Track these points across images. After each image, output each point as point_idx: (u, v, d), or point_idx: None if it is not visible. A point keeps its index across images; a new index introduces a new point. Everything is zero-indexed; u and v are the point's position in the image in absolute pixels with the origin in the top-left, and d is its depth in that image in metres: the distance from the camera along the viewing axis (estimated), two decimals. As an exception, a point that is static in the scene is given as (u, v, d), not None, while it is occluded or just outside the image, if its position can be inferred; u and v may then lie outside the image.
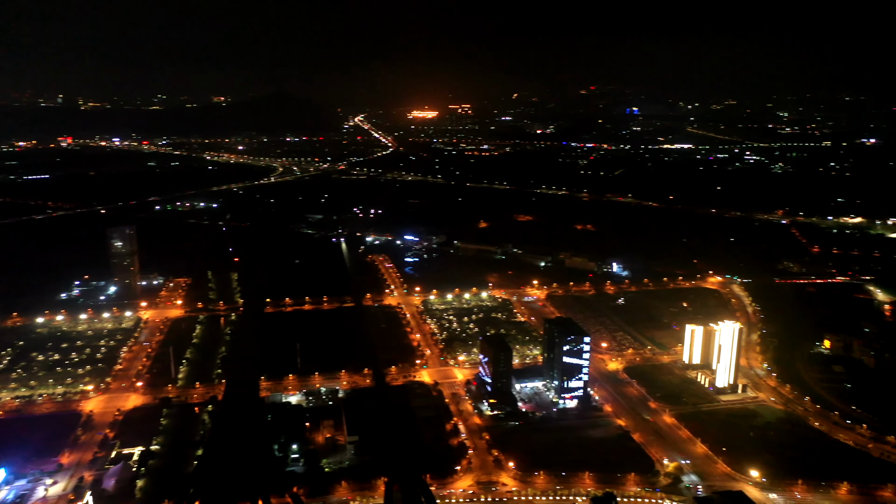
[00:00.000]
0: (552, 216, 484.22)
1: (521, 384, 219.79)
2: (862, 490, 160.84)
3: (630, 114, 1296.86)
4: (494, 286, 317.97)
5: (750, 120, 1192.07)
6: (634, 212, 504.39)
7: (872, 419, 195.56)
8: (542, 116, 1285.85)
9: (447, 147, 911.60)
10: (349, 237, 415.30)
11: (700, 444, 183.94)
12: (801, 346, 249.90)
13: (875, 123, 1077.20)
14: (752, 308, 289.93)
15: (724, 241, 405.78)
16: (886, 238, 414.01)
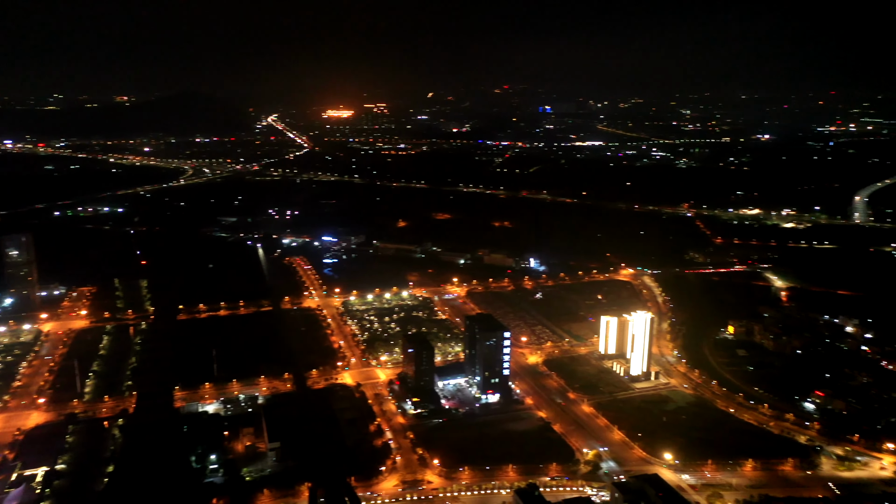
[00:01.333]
0: (470, 214, 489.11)
1: (444, 381, 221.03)
2: (765, 465, 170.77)
3: (543, 112, 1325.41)
4: (415, 285, 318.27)
5: (656, 118, 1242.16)
6: (550, 208, 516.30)
7: (773, 399, 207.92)
8: (458, 115, 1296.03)
9: (364, 146, 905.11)
10: (265, 239, 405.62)
11: (617, 431, 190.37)
12: (707, 333, 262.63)
13: (769, 120, 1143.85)
14: (662, 298, 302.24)
15: (635, 234, 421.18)
16: (781, 228, 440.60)
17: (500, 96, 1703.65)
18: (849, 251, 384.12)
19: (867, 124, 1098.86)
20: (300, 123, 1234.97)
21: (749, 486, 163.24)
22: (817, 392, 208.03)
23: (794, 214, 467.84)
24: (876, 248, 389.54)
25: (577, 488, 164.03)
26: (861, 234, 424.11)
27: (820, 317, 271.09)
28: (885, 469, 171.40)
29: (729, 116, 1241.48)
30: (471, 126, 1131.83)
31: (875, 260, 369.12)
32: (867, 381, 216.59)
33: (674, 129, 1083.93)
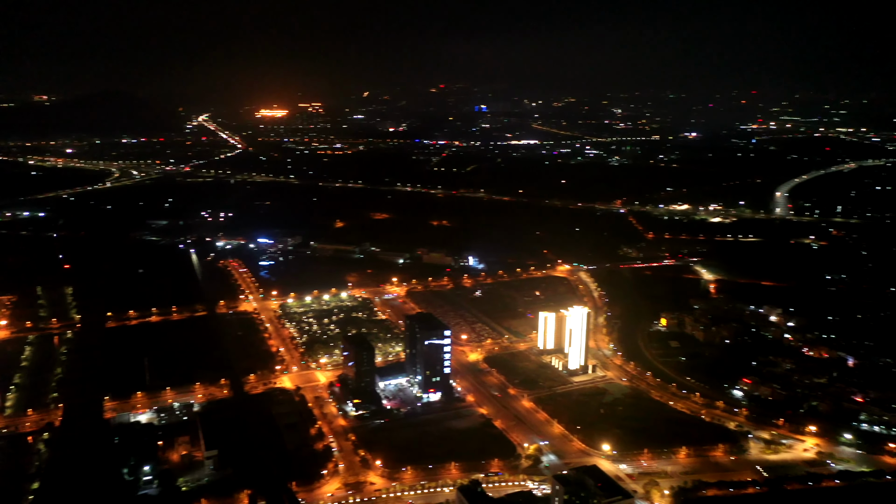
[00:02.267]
0: (408, 213, 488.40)
1: (385, 382, 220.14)
2: (698, 452, 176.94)
3: (479, 111, 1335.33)
4: (354, 286, 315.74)
5: (589, 116, 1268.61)
6: (487, 206, 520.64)
7: (704, 388, 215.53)
8: (395, 114, 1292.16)
9: (299, 146, 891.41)
10: (198, 243, 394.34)
11: (557, 424, 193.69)
12: (641, 326, 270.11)
13: (695, 119, 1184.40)
14: (597, 293, 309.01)
15: (571, 231, 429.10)
16: (708, 223, 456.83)
17: (436, 95, 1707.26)
18: (771, 244, 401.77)
19: (786, 122, 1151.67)
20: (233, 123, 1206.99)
21: (683, 472, 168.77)
22: (745, 380, 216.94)
23: (720, 209, 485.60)
24: (796, 241, 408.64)
25: (518, 483, 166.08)
26: (782, 228, 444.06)
27: (746, 307, 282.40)
28: (809, 451, 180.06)
29: (658, 115, 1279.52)
30: (407, 125, 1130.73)
31: (795, 251, 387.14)
32: (790, 368, 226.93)
33: (606, 127, 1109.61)
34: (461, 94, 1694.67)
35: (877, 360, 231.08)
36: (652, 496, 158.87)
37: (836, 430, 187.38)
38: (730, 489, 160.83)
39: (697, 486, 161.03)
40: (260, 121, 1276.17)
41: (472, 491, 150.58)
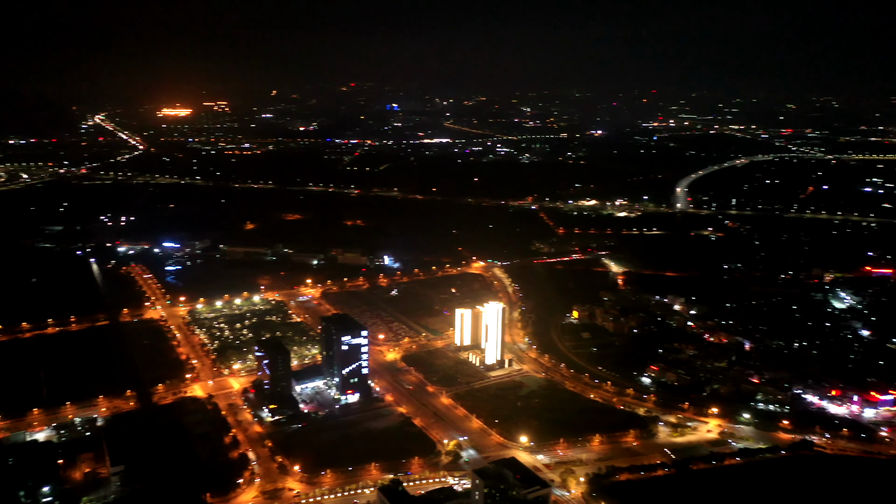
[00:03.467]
0: (321, 213, 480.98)
1: (302, 385, 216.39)
2: (611, 439, 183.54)
3: (391, 110, 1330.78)
4: (267, 288, 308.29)
5: (499, 115, 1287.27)
6: (401, 205, 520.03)
7: (615, 376, 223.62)
8: (305, 113, 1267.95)
9: (205, 146, 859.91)
10: (97, 249, 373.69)
11: (475, 419, 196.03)
12: (554, 319, 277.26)
13: (601, 117, 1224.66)
14: (511, 288, 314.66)
15: (484, 228, 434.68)
16: (615, 217, 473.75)
17: (346, 94, 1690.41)
18: (673, 236, 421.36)
19: (684, 120, 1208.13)
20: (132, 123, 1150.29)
21: (597, 459, 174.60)
22: (652, 367, 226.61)
23: (626, 204, 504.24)
24: (696, 233, 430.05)
25: (439, 479, 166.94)
26: (683, 221, 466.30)
27: (652, 297, 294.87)
28: (711, 432, 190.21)
29: (565, 114, 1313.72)
30: (318, 124, 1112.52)
31: (695, 243, 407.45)
32: (693, 354, 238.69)
33: (516, 125, 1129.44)
34: (372, 92, 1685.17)
35: (770, 344, 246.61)
36: (568, 484, 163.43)
37: (735, 410, 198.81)
38: (641, 473, 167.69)
39: (611, 471, 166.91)
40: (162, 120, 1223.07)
41: (394, 490, 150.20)
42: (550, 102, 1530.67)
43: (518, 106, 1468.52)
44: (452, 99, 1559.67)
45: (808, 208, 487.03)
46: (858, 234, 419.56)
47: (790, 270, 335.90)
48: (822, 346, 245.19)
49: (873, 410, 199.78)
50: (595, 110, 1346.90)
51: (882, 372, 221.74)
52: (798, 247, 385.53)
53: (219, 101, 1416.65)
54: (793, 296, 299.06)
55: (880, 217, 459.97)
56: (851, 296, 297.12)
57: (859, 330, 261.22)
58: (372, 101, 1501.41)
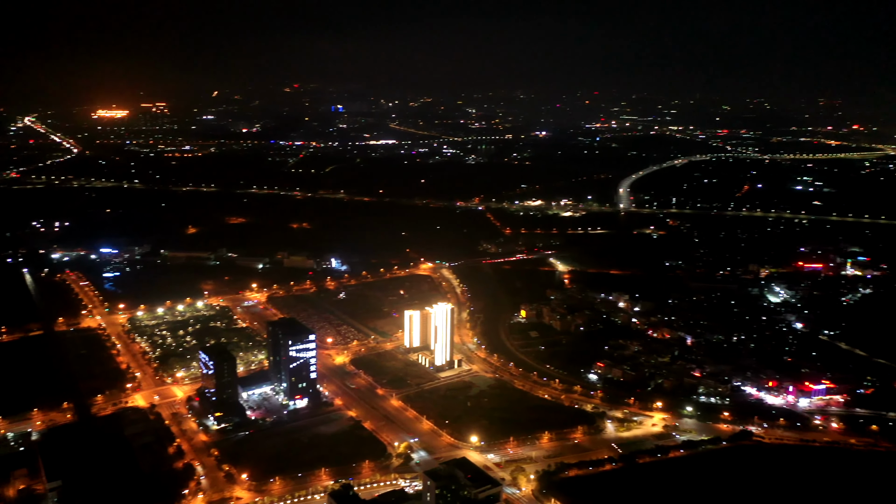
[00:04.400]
0: (266, 216, 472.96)
1: (249, 392, 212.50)
2: (560, 436, 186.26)
3: (336, 111, 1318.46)
4: (211, 294, 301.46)
5: (444, 116, 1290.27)
6: (348, 207, 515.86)
7: (563, 374, 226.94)
8: (247, 115, 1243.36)
9: (144, 149, 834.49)
10: (29, 256, 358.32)
11: (426, 421, 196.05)
12: (502, 319, 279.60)
13: (545, 118, 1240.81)
14: (460, 289, 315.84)
15: (432, 229, 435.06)
16: (561, 217, 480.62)
17: (290, 95, 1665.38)
18: (617, 235, 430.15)
19: (625, 121, 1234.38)
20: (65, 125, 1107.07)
21: (547, 456, 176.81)
22: (599, 363, 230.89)
23: (571, 204, 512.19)
24: (638, 231, 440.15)
25: (390, 482, 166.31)
26: (626, 220, 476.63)
27: (597, 295, 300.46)
28: (656, 425, 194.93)
29: (510, 115, 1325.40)
30: (261, 126, 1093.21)
31: (638, 241, 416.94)
32: (638, 350, 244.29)
33: (462, 126, 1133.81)
34: (316, 94, 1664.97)
35: (711, 338, 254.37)
36: (519, 482, 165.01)
37: (678, 403, 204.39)
38: (589, 468, 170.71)
39: (560, 468, 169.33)
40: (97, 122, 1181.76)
41: (344, 495, 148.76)
42: (495, 104, 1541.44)
43: (463, 107, 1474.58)
44: (398, 100, 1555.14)
45: (743, 206, 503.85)
46: (791, 231, 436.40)
47: (728, 267, 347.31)
48: (759, 340, 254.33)
49: (807, 400, 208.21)
50: (539, 112, 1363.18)
51: (815, 363, 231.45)
52: (735, 244, 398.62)
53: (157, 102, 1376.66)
54: (731, 291, 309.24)
55: (811, 214, 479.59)
56: (785, 290, 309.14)
57: (793, 323, 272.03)
58: (316, 102, 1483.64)
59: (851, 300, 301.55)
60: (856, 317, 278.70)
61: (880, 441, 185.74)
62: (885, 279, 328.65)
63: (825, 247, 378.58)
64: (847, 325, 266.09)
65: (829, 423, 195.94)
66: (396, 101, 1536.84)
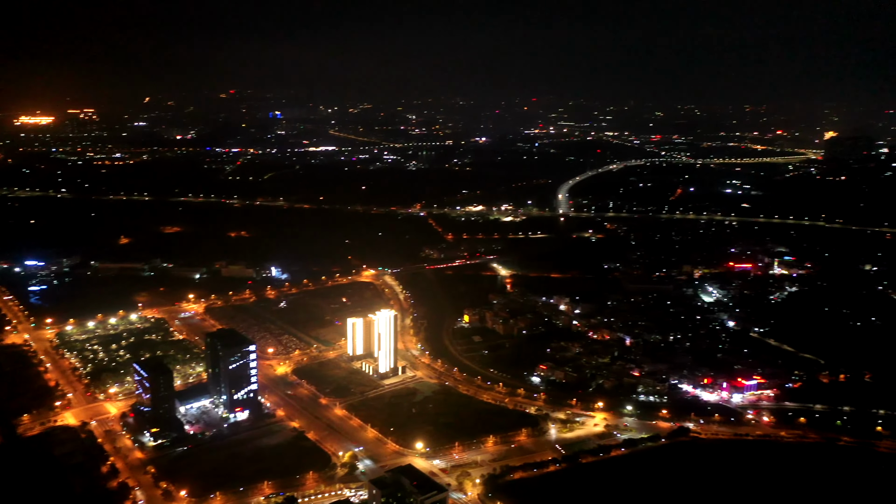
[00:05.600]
0: (203, 225, 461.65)
1: (187, 405, 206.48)
2: (504, 439, 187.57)
3: (273, 118, 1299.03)
4: (145, 306, 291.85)
5: (384, 122, 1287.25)
6: (288, 215, 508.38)
7: (506, 377, 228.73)
8: (182, 121, 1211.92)
9: (71, 157, 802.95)
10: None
11: (370, 429, 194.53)
12: (446, 324, 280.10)
13: (484, 125, 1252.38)
14: (403, 295, 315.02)
15: (374, 235, 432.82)
16: (502, 222, 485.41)
17: (226, 101, 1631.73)
18: (557, 239, 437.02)
19: (563, 127, 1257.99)
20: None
21: (492, 460, 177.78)
22: (541, 366, 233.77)
23: (511, 209, 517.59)
24: (577, 235, 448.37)
25: (335, 492, 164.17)
26: (565, 224, 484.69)
27: (539, 299, 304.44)
28: (598, 425, 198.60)
29: (450, 121, 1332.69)
30: (196, 133, 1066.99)
31: (577, 245, 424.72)
32: (579, 351, 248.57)
33: (402, 133, 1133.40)
34: (253, 100, 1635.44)
35: (649, 338, 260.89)
36: (465, 486, 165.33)
37: (619, 403, 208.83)
38: (534, 470, 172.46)
39: (505, 471, 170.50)
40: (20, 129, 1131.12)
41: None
42: (435, 110, 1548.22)
43: (403, 113, 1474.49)
44: (337, 106, 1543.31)
45: (677, 209, 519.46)
46: (722, 233, 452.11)
47: (664, 268, 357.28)
48: (694, 338, 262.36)
49: (740, 395, 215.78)
50: (479, 118, 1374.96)
51: (746, 359, 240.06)
52: (670, 246, 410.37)
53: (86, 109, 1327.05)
54: (667, 292, 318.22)
55: (740, 216, 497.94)
56: (717, 290, 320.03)
57: (725, 321, 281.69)
58: (254, 108, 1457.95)
59: (779, 298, 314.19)
60: (783, 314, 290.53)
61: (808, 433, 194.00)
62: (810, 277, 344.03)
63: (754, 247, 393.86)
64: (775, 322, 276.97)
65: (761, 417, 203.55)
66: (336, 108, 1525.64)
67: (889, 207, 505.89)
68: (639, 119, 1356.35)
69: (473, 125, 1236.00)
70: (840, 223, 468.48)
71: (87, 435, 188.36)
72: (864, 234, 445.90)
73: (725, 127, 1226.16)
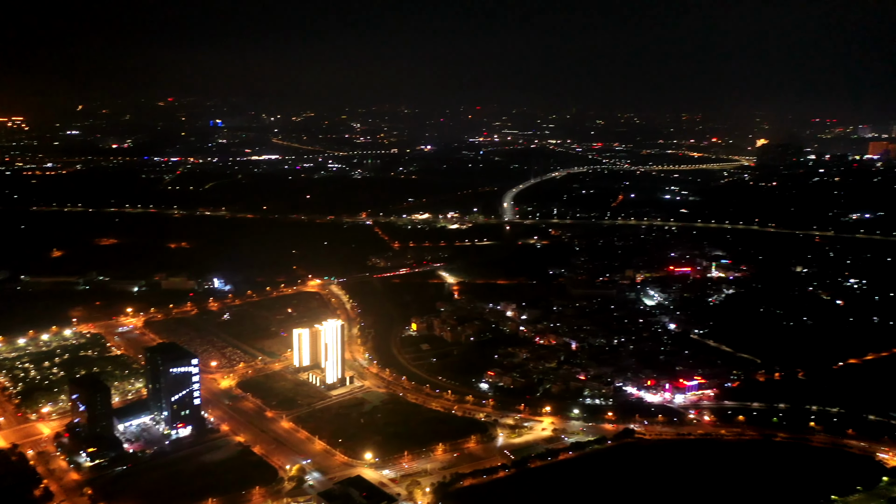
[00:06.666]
0: (142, 236, 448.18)
1: (126, 423, 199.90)
2: (454, 447, 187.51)
3: (214, 126, 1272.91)
4: (80, 321, 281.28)
5: (329, 131, 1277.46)
6: (230, 224, 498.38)
7: (455, 385, 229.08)
8: (118, 130, 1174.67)
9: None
10: None
11: (318, 441, 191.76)
12: (393, 333, 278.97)
13: (429, 133, 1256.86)
14: (350, 304, 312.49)
15: (319, 245, 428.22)
16: (448, 230, 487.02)
17: (165, 109, 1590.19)
18: (503, 246, 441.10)
19: (507, 135, 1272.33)
20: None
21: (442, 468, 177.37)
22: (489, 372, 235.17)
23: (457, 217, 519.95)
24: (523, 242, 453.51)
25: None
26: (511, 231, 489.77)
27: (486, 305, 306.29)
28: (546, 429, 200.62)
29: (395, 129, 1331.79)
30: (133, 141, 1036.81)
31: (523, 251, 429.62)
32: (526, 357, 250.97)
33: (347, 141, 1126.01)
34: (193, 108, 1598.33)
35: (594, 342, 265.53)
36: (415, 496, 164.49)
37: (566, 407, 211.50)
38: (483, 476, 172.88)
39: (455, 478, 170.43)
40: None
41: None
42: (380, 118, 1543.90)
43: (348, 122, 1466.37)
44: (280, 115, 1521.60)
45: (619, 215, 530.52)
46: (662, 238, 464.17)
47: (607, 273, 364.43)
48: (637, 341, 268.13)
49: (682, 396, 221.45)
50: (424, 126, 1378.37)
51: (687, 360, 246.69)
52: (613, 251, 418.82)
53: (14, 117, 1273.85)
54: (610, 296, 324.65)
55: (679, 222, 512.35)
56: (659, 293, 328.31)
57: (667, 324, 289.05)
58: (193, 116, 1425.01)
59: (717, 300, 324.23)
60: (721, 315, 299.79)
61: (746, 430, 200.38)
62: (746, 280, 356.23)
63: (692, 252, 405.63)
64: (714, 324, 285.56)
65: (702, 416, 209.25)
66: (279, 116, 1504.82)
67: (817, 211, 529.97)
68: (581, 127, 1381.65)
69: (418, 133, 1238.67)
70: (773, 227, 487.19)
71: (18, 457, 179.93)
72: (795, 237, 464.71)
73: (664, 135, 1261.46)
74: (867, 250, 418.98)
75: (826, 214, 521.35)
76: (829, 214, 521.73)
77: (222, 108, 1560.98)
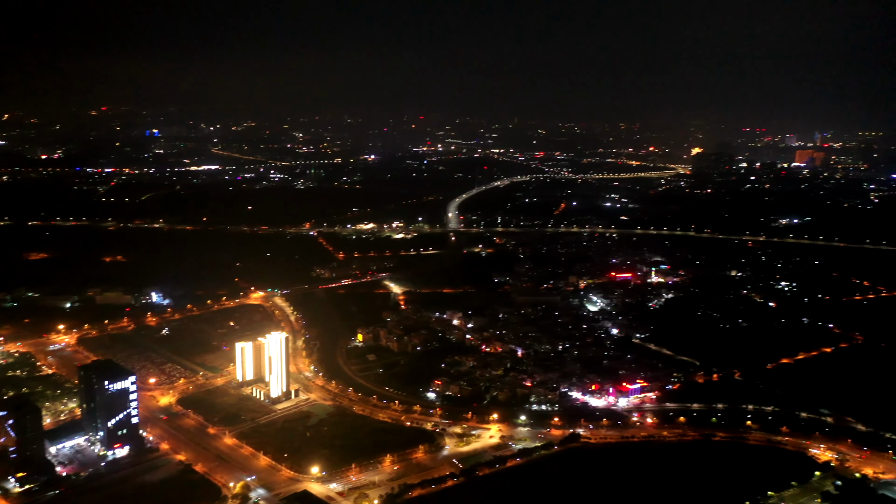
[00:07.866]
0: (74, 250, 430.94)
1: (58, 445, 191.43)
2: (402, 457, 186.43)
3: (150, 136, 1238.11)
4: (7, 339, 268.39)
5: (270, 140, 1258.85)
6: (169, 237, 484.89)
7: (402, 395, 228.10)
8: (47, 140, 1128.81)
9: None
10: None
11: (263, 456, 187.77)
12: (339, 344, 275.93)
13: (373, 142, 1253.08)
14: (294, 316, 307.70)
15: (262, 256, 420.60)
16: (393, 239, 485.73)
17: (98, 119, 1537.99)
18: (448, 254, 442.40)
19: (451, 144, 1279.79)
20: None
21: (390, 479, 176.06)
22: (436, 381, 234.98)
23: (402, 226, 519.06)
24: (468, 250, 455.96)
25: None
26: (456, 239, 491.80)
27: (432, 314, 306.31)
28: (494, 437, 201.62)
29: (338, 139, 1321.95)
30: (65, 152, 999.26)
31: (468, 260, 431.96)
32: (473, 365, 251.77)
33: (289, 151, 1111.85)
34: (128, 117, 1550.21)
35: (539, 349, 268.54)
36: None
37: (513, 414, 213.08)
38: (432, 486, 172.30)
39: (404, 489, 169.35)
40: None
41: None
42: (323, 128, 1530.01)
43: (290, 131, 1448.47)
44: (219, 124, 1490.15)
45: (561, 223, 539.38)
46: (603, 245, 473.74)
47: (551, 280, 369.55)
48: (581, 347, 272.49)
49: (626, 399, 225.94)
50: (367, 135, 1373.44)
51: (630, 364, 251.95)
52: (556, 258, 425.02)
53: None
54: (554, 303, 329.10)
55: (619, 228, 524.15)
56: (601, 299, 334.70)
57: (610, 329, 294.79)
58: (129, 126, 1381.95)
59: (657, 305, 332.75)
60: (661, 319, 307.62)
61: (687, 431, 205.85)
62: (684, 285, 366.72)
63: (633, 258, 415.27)
64: (655, 328, 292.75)
65: (645, 418, 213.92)
66: (218, 126, 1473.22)
67: (749, 217, 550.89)
68: (523, 136, 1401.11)
69: (362, 143, 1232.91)
70: (708, 233, 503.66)
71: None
72: (729, 242, 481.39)
73: (603, 144, 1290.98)
74: (796, 254, 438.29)
75: (758, 220, 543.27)
76: (761, 220, 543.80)
77: (158, 117, 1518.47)
